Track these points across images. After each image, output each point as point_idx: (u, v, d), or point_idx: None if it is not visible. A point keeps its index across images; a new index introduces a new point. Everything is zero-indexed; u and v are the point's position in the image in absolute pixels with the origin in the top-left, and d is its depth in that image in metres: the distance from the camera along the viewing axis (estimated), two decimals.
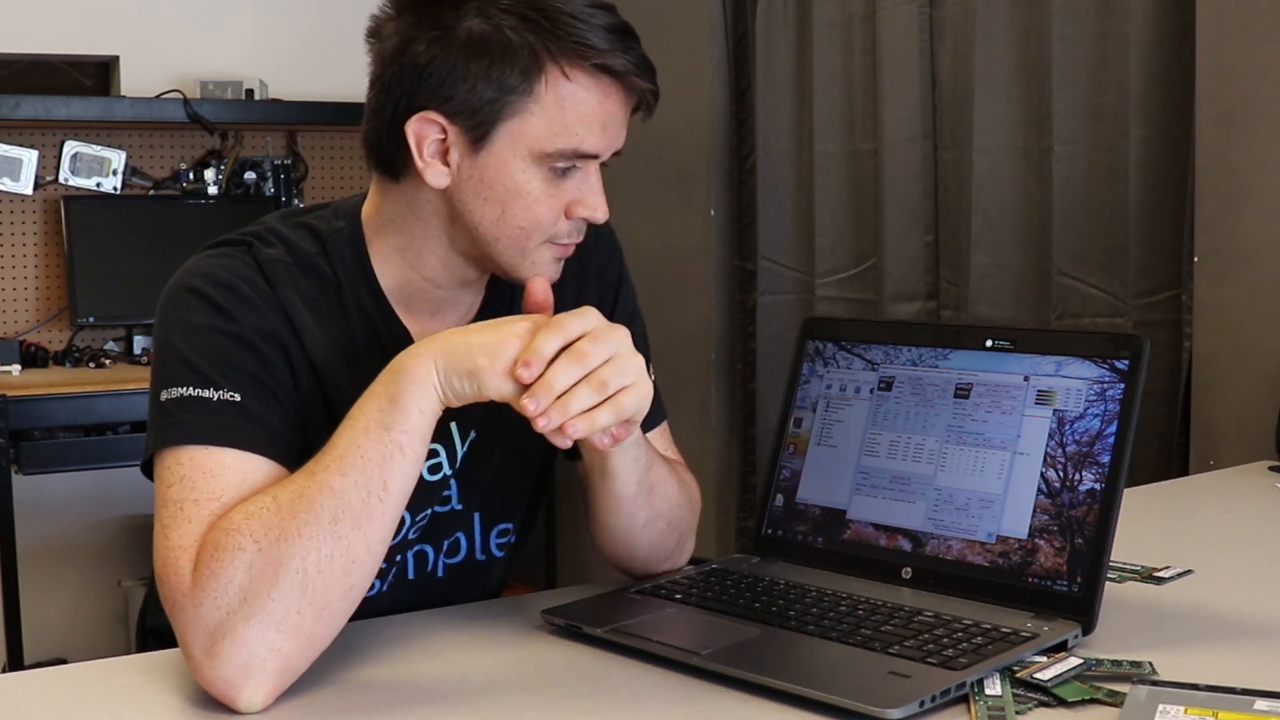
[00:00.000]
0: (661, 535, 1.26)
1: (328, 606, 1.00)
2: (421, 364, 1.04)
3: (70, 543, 3.32)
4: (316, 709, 0.99)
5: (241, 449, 1.07)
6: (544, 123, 1.13)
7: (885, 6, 2.68)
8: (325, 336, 1.18)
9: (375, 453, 1.02)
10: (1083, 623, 1.09)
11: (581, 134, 1.14)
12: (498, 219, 1.16)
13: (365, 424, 1.03)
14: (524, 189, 1.15)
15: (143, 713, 1.00)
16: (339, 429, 1.05)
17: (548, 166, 1.15)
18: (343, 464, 1.02)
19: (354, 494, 1.01)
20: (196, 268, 1.18)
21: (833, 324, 1.35)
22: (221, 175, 3.37)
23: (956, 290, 2.60)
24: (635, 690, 1.03)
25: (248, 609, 0.98)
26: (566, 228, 1.18)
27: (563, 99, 1.13)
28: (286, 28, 3.49)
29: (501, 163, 1.14)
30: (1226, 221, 2.11)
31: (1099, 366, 1.15)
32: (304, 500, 1.01)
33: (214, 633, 0.98)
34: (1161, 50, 2.23)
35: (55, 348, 3.23)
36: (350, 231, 1.22)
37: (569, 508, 3.37)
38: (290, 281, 1.18)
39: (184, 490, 1.05)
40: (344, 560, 1.00)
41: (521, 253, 1.18)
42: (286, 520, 1.00)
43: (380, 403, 1.04)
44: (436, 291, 1.24)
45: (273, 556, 0.99)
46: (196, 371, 1.10)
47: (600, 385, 1.02)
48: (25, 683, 1.09)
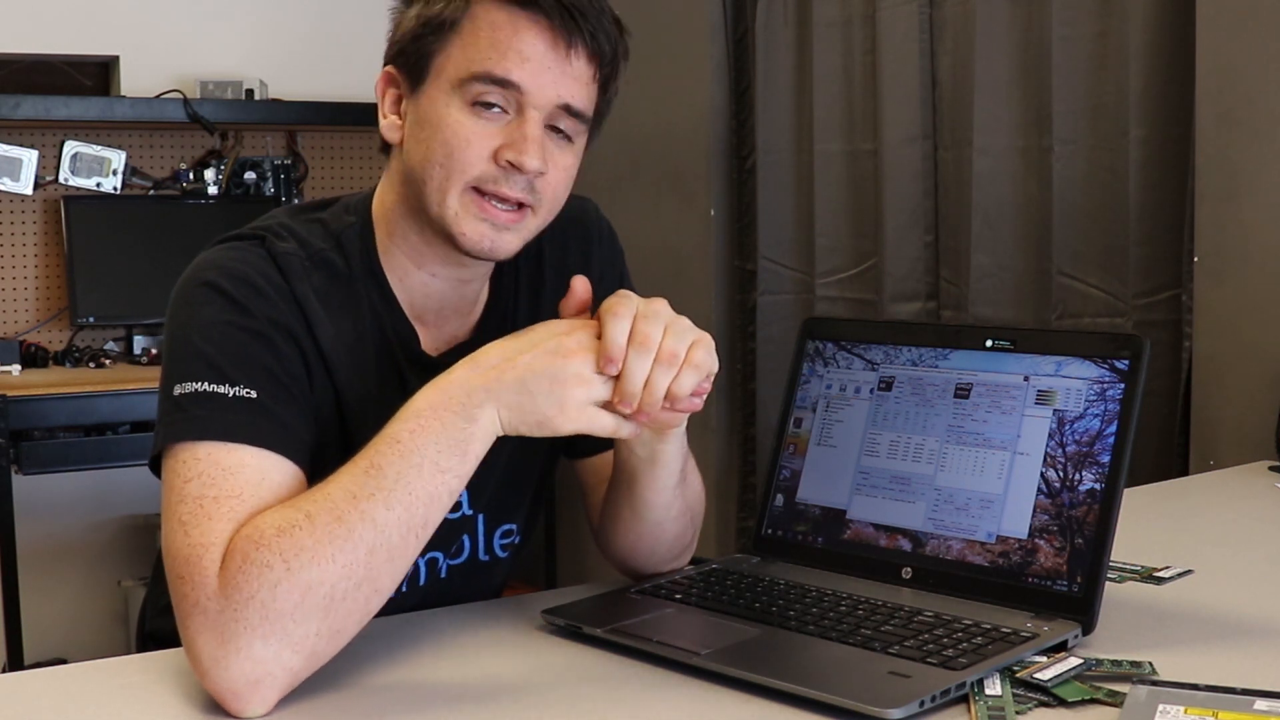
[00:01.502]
0: (685, 528, 1.27)
1: (344, 630, 1.00)
2: (486, 414, 1.02)
3: (70, 543, 3.32)
4: (317, 709, 0.99)
5: (259, 446, 1.06)
6: (462, 51, 1.14)
7: (885, 6, 2.68)
8: (337, 331, 1.18)
9: (425, 492, 1.01)
10: (1083, 623, 1.09)
11: (495, 58, 1.12)
12: (424, 158, 1.15)
13: (419, 460, 1.00)
14: (444, 121, 1.14)
15: (143, 713, 1.00)
16: (384, 446, 1.02)
17: (470, 99, 1.13)
18: (389, 498, 1.00)
19: (395, 530, 1.00)
20: (210, 260, 1.16)
21: (833, 324, 1.34)
22: (221, 175, 3.37)
23: (956, 290, 2.60)
24: (635, 690, 1.03)
25: (267, 627, 0.96)
26: (492, 172, 1.14)
27: (479, 28, 1.13)
28: (286, 28, 3.49)
29: (431, 99, 1.15)
30: (1226, 221, 2.11)
31: (1099, 366, 1.15)
32: (343, 526, 0.99)
33: (228, 644, 0.97)
34: (1161, 50, 2.23)
35: (55, 348, 3.23)
36: (361, 227, 1.23)
37: (569, 508, 3.37)
38: (304, 275, 1.17)
39: (203, 486, 1.03)
40: (370, 589, 1.00)
41: (444, 197, 1.15)
42: (321, 544, 0.98)
43: (439, 443, 1.01)
44: (435, 284, 1.23)
45: (301, 580, 0.97)
46: (212, 367, 1.09)
47: (671, 358, 1.04)
48: (25, 683, 1.09)
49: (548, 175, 1.16)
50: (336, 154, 3.58)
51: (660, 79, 3.13)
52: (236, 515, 1.01)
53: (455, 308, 1.26)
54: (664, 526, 1.24)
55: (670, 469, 1.19)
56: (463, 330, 1.28)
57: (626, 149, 3.20)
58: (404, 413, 1.03)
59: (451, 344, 1.26)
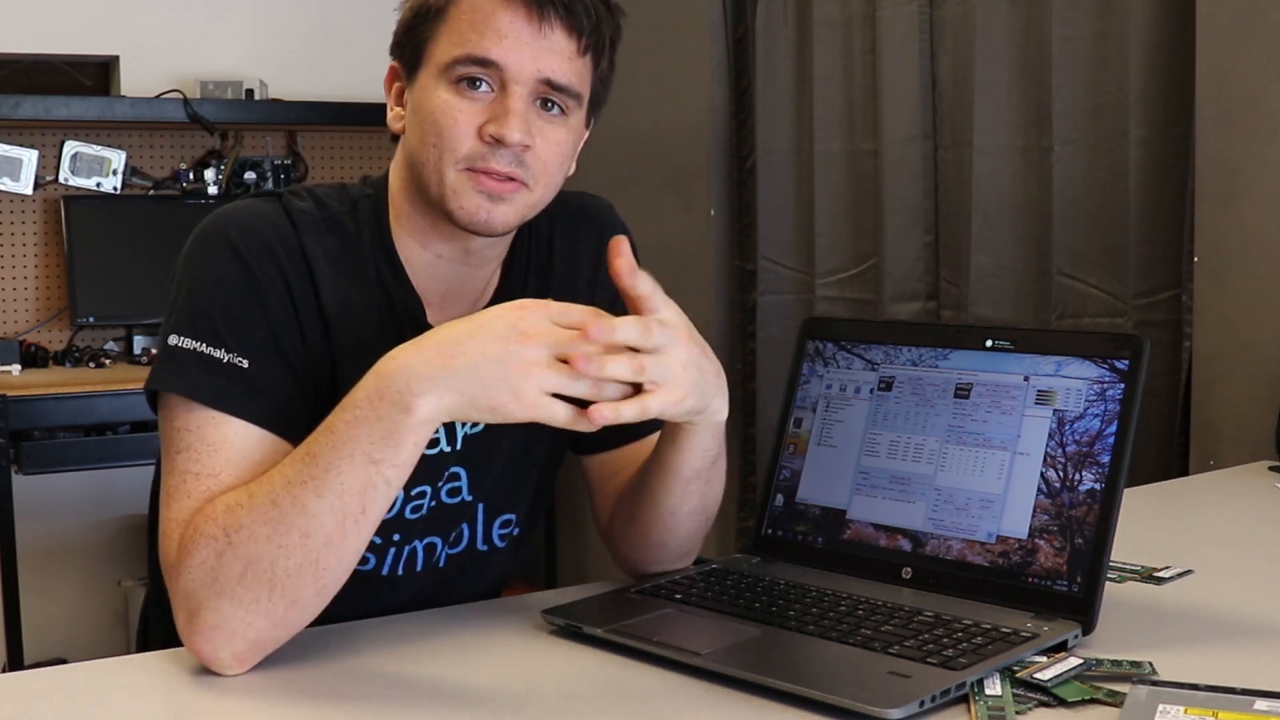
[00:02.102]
0: (698, 528, 1.27)
1: (298, 600, 1.03)
2: (426, 404, 1.00)
3: (70, 543, 3.32)
4: (317, 709, 0.99)
5: (243, 419, 1.10)
6: (448, 36, 1.17)
7: (885, 6, 2.68)
8: (342, 293, 1.20)
9: (357, 481, 1.02)
10: (1083, 623, 1.09)
11: (474, 39, 1.15)
12: (419, 142, 1.18)
13: (351, 450, 1.01)
14: (433, 104, 1.17)
15: (143, 713, 1.00)
16: (321, 435, 1.03)
17: (454, 79, 1.16)
18: (320, 486, 1.02)
19: (328, 516, 1.02)
20: (228, 213, 1.20)
21: (833, 324, 1.34)
22: (221, 175, 3.37)
23: (956, 290, 2.60)
24: (635, 690, 1.03)
25: (218, 588, 1.02)
26: (479, 149, 1.16)
27: (462, 12, 1.17)
28: (286, 28, 3.49)
29: (424, 87, 1.19)
30: (1226, 221, 2.11)
31: (1099, 366, 1.15)
32: (276, 510, 1.02)
33: (190, 605, 1.03)
34: (1161, 50, 2.23)
35: (55, 348, 3.23)
36: (376, 198, 1.26)
37: (569, 507, 3.37)
38: (316, 234, 1.20)
39: (189, 461, 1.09)
40: (314, 569, 1.03)
41: (441, 177, 1.17)
42: (258, 524, 1.02)
43: (372, 434, 1.01)
44: (442, 264, 1.24)
45: (241, 553, 1.02)
46: (211, 327, 1.13)
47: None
48: (25, 683, 1.09)
49: (536, 149, 1.17)
50: (336, 154, 3.58)
51: (660, 79, 3.13)
52: (210, 494, 1.07)
53: (462, 292, 1.27)
54: (676, 517, 1.24)
55: (688, 458, 1.18)
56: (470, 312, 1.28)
57: (626, 149, 3.20)
58: (346, 400, 1.03)
59: None
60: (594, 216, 1.36)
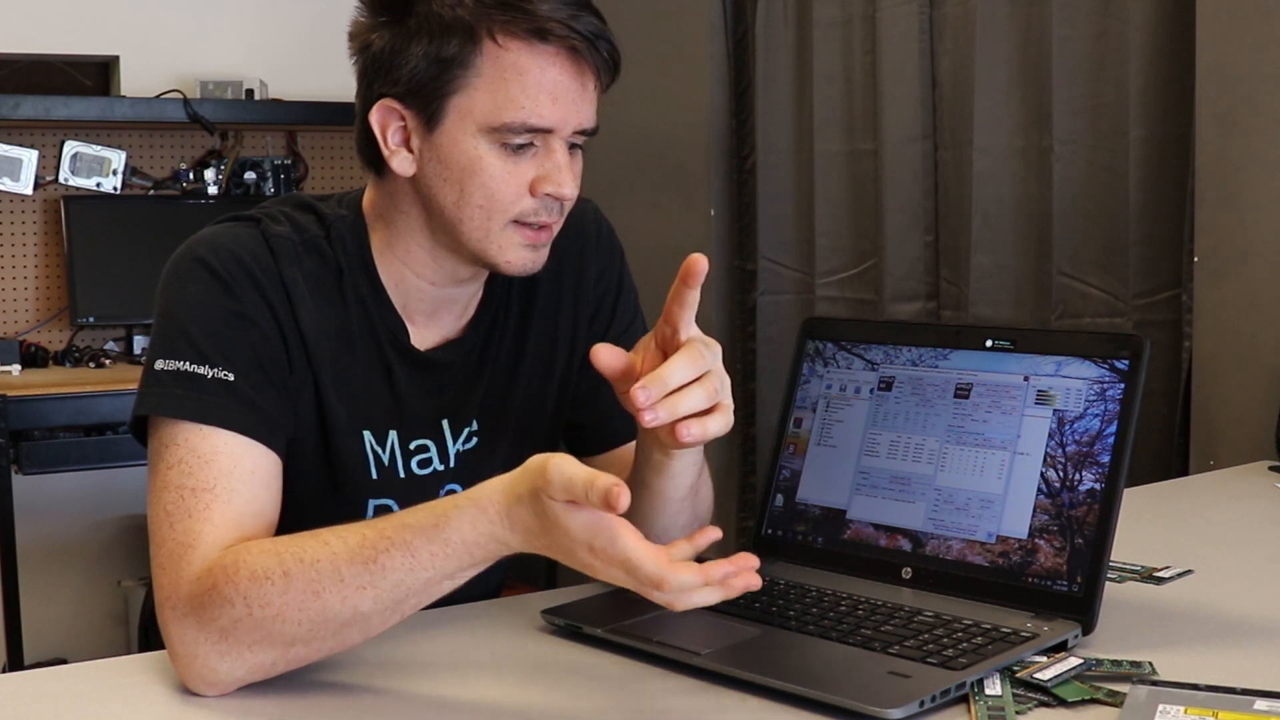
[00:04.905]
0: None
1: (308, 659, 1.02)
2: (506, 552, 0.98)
3: (70, 543, 3.32)
4: (317, 709, 0.99)
5: (231, 430, 1.09)
6: (488, 95, 1.13)
7: (885, 6, 2.68)
8: (321, 318, 1.19)
9: (420, 593, 0.99)
10: (1083, 623, 1.09)
11: (529, 106, 1.13)
12: (458, 199, 1.16)
13: (428, 576, 0.97)
14: (478, 165, 1.14)
15: (143, 713, 1.00)
16: (395, 556, 0.97)
17: (501, 142, 1.14)
18: (379, 595, 0.98)
19: (377, 617, 1.00)
20: (205, 238, 1.19)
21: (833, 324, 1.35)
22: (221, 175, 3.37)
23: (956, 290, 2.60)
24: (635, 690, 1.03)
25: (224, 647, 1.00)
26: (532, 206, 1.16)
27: (503, 69, 1.13)
28: (286, 28, 3.49)
29: (454, 140, 1.15)
30: (1226, 221, 2.11)
31: (1099, 366, 1.15)
32: (319, 602, 0.98)
33: (189, 647, 1.01)
34: (1161, 50, 2.23)
35: (55, 348, 3.23)
36: (353, 220, 1.24)
37: None
38: (294, 259, 1.19)
39: (183, 475, 1.07)
40: (338, 645, 1.02)
41: (486, 234, 1.17)
42: (290, 608, 0.98)
43: (454, 572, 0.98)
44: (431, 289, 1.24)
45: (264, 631, 0.99)
46: (194, 346, 1.12)
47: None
48: (25, 683, 1.09)
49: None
50: (336, 154, 3.58)
51: (660, 79, 3.12)
52: (212, 513, 1.05)
53: (448, 308, 1.27)
54: (671, 535, 1.23)
55: (677, 482, 1.19)
56: (454, 329, 1.28)
57: (626, 149, 3.20)
58: (436, 531, 0.97)
59: (442, 341, 1.27)
60: (574, 221, 1.32)
